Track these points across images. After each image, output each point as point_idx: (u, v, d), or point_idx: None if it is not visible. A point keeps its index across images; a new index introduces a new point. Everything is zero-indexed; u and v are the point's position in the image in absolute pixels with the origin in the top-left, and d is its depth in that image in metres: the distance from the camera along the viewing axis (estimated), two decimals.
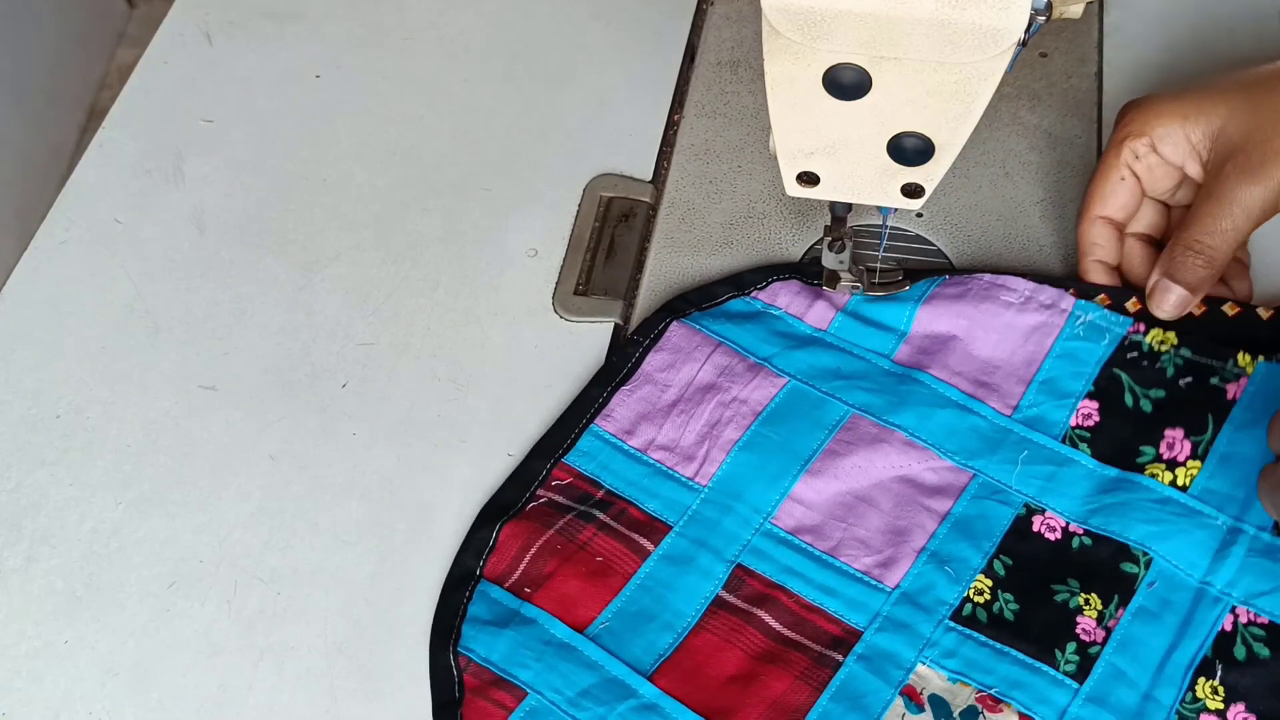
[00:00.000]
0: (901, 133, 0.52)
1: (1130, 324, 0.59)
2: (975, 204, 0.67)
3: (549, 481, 0.58)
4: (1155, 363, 0.58)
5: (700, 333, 0.62)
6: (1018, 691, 0.51)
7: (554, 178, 0.70)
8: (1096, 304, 0.60)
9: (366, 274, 0.67)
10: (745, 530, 0.56)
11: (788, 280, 0.63)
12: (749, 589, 0.55)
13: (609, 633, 0.54)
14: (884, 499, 0.57)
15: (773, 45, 0.49)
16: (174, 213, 0.70)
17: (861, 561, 0.55)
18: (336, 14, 0.78)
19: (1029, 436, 0.58)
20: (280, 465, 0.60)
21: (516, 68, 0.75)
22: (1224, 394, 0.57)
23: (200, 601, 0.57)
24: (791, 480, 0.57)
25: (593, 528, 0.56)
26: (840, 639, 0.53)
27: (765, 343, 0.61)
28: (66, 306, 0.66)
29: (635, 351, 0.61)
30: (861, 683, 0.52)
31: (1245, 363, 0.57)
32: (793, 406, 0.59)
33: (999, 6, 0.46)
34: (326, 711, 0.54)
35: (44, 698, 0.54)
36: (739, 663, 0.53)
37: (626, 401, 0.60)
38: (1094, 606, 0.53)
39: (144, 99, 0.75)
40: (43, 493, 0.60)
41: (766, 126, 0.54)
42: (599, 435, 0.59)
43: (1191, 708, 0.51)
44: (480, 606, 0.55)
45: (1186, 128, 0.58)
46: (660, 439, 0.59)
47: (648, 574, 0.55)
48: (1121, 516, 0.55)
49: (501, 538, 0.56)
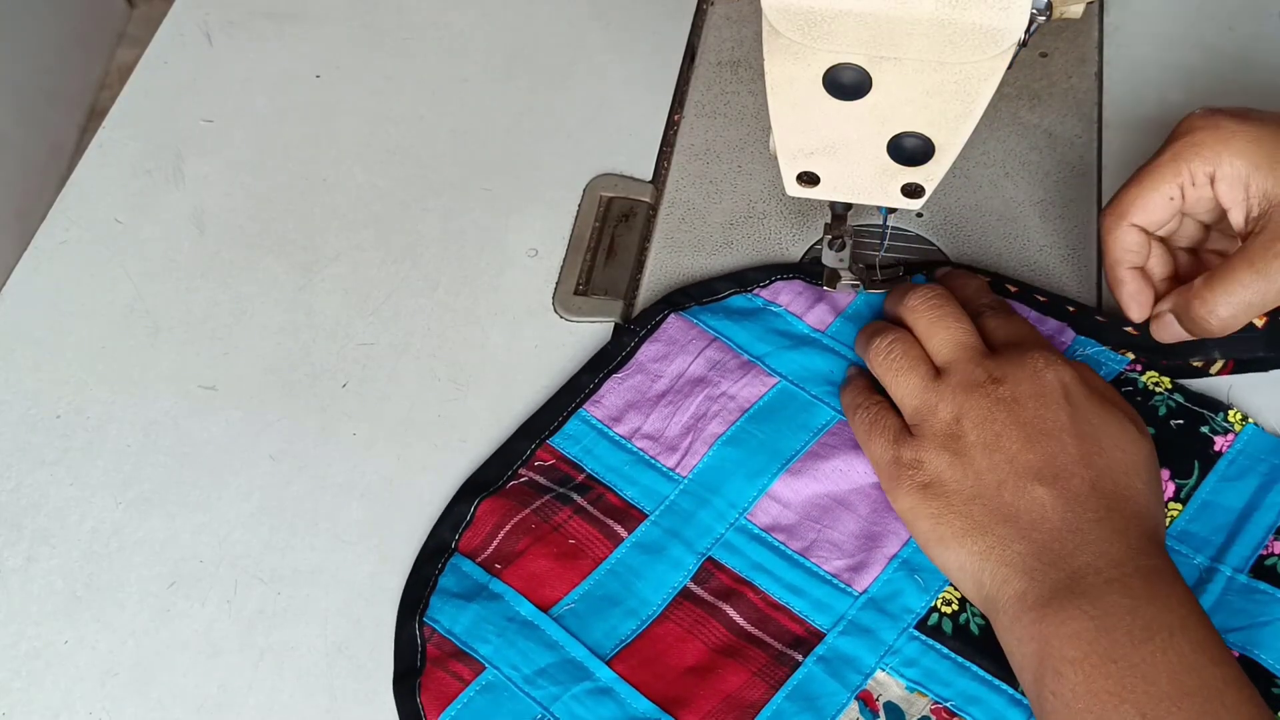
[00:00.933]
0: (901, 133, 0.52)
1: (1127, 363, 0.60)
2: (975, 204, 0.67)
3: (532, 462, 0.59)
4: (1148, 400, 0.59)
5: (696, 326, 0.62)
6: (974, 707, 0.51)
7: (554, 178, 0.70)
8: (1094, 340, 0.60)
9: (366, 274, 0.67)
10: (719, 524, 0.56)
11: (791, 280, 0.63)
12: (717, 582, 0.55)
13: (573, 614, 0.54)
14: (861, 504, 0.57)
15: (773, 45, 0.49)
16: (174, 213, 0.70)
17: (832, 564, 0.55)
18: (336, 14, 0.78)
19: None
20: (280, 465, 0.60)
21: (516, 68, 0.75)
22: (1212, 444, 0.57)
23: (200, 601, 0.57)
24: (771, 478, 0.57)
25: (569, 510, 0.57)
26: (802, 639, 0.53)
27: (760, 341, 0.61)
28: (66, 306, 0.66)
29: (630, 340, 0.62)
30: (818, 684, 0.52)
31: (1235, 419, 0.58)
32: (780, 407, 0.59)
33: (999, 6, 0.46)
34: (326, 711, 0.54)
35: (44, 698, 0.54)
36: (698, 654, 0.53)
37: (617, 389, 0.61)
38: None
39: (144, 99, 0.75)
40: (43, 493, 0.60)
41: (766, 126, 0.54)
42: (586, 420, 0.60)
43: None
44: (450, 579, 0.55)
45: (1255, 177, 0.54)
46: (646, 428, 0.59)
47: (618, 560, 0.56)
48: None
49: (479, 513, 0.57)
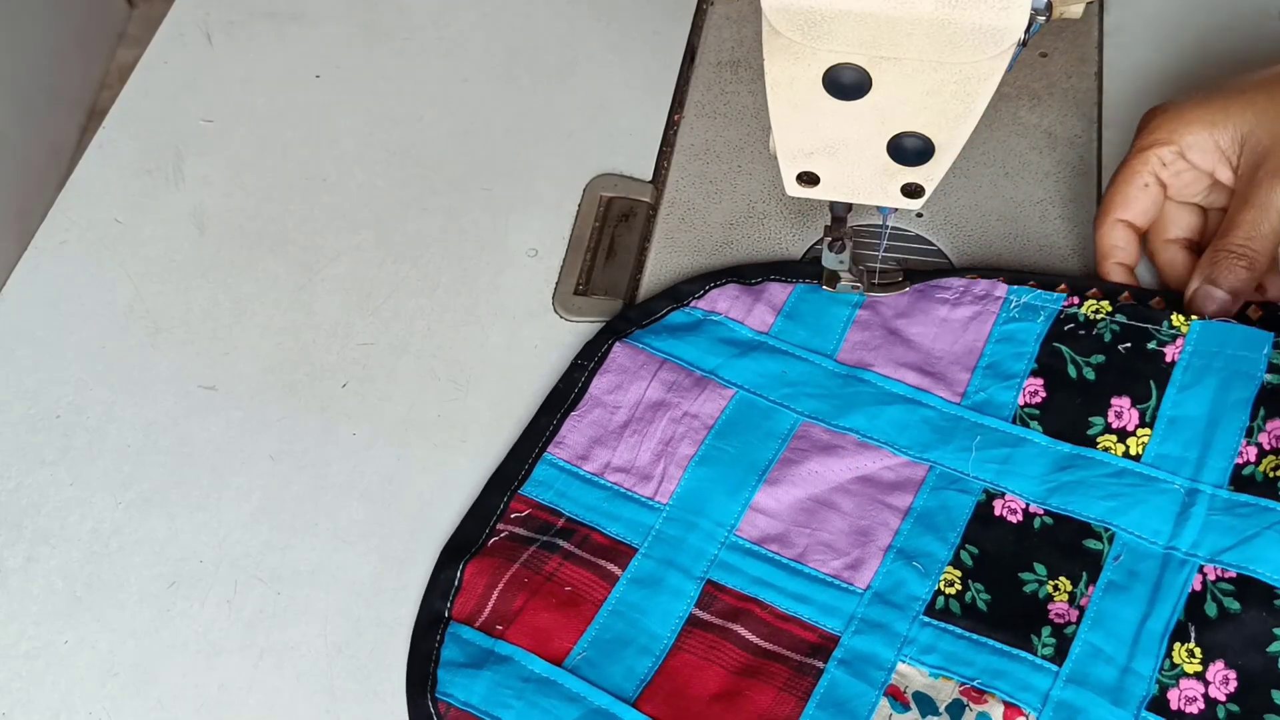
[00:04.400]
0: (901, 133, 0.52)
1: (1064, 299, 0.60)
2: (975, 204, 0.67)
3: (508, 515, 0.57)
4: (1092, 330, 0.59)
5: (644, 351, 0.61)
6: (1000, 681, 0.52)
7: (554, 178, 0.70)
8: (1029, 287, 0.61)
9: (366, 274, 0.67)
10: (711, 545, 0.56)
11: (725, 285, 0.63)
12: (721, 604, 0.55)
13: (587, 663, 0.53)
14: (844, 501, 0.57)
15: (773, 45, 0.49)
16: (174, 213, 0.70)
17: (830, 565, 0.55)
18: (336, 14, 0.78)
19: (980, 421, 0.58)
20: (280, 465, 0.60)
21: (516, 68, 0.75)
22: (1163, 357, 0.58)
23: (200, 601, 0.57)
24: (751, 491, 0.57)
25: (558, 557, 0.56)
26: (818, 646, 0.53)
27: (709, 354, 0.61)
28: (66, 306, 0.66)
29: (580, 376, 0.61)
30: (845, 688, 0.52)
31: (1179, 323, 0.58)
32: (743, 418, 0.59)
33: (999, 6, 0.46)
34: (326, 711, 0.54)
35: (44, 698, 0.54)
36: (721, 680, 0.53)
37: (577, 427, 0.59)
38: (1064, 590, 0.54)
39: (144, 99, 0.75)
40: (43, 493, 0.60)
41: (766, 126, 0.54)
42: (553, 463, 0.59)
43: (1170, 675, 0.51)
44: (453, 649, 0.54)
45: (1215, 134, 0.59)
46: (615, 461, 0.58)
47: (619, 599, 0.55)
48: (1079, 495, 0.55)
49: (466, 576, 0.55)
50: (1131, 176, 0.61)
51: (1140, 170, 0.61)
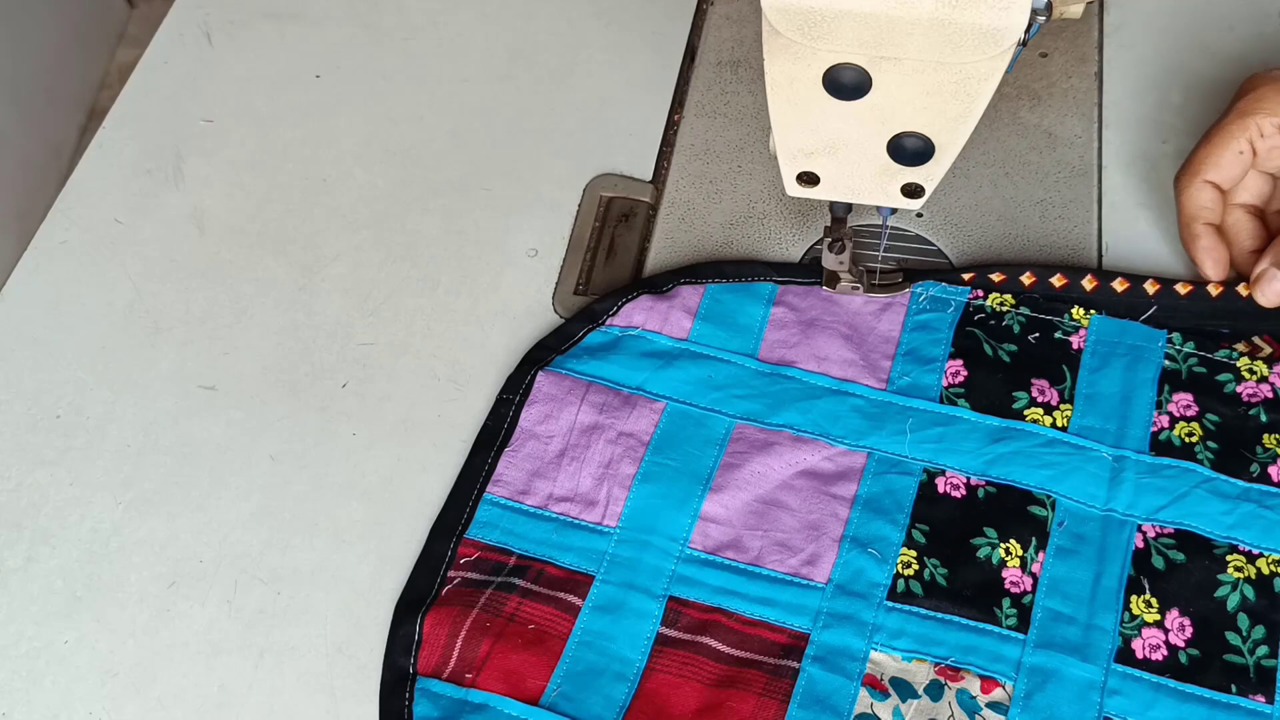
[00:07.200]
0: (901, 133, 0.52)
1: (969, 293, 0.62)
2: (975, 204, 0.67)
3: (457, 561, 0.56)
4: (1001, 321, 0.61)
5: (568, 377, 0.61)
6: (972, 656, 0.53)
7: (554, 178, 0.70)
8: (933, 281, 0.62)
9: (366, 274, 0.67)
10: (667, 561, 0.56)
11: (637, 298, 0.63)
12: (687, 619, 0.55)
13: (564, 698, 0.53)
14: (791, 498, 0.57)
15: (773, 45, 0.49)
16: (174, 213, 0.70)
17: (787, 564, 0.55)
18: (336, 14, 0.78)
19: (909, 404, 0.59)
20: (280, 465, 0.60)
21: (516, 68, 0.75)
22: (1069, 345, 0.61)
23: (200, 601, 0.57)
24: (698, 501, 0.57)
25: (516, 597, 0.55)
26: (790, 646, 0.54)
27: (633, 370, 0.61)
28: (66, 306, 0.66)
29: (508, 411, 0.60)
30: (823, 684, 0.52)
31: (1079, 316, 0.61)
32: (678, 429, 0.59)
33: (999, 6, 0.46)
34: (326, 711, 0.54)
35: (44, 698, 0.54)
36: (699, 695, 0.53)
37: (514, 462, 0.59)
38: (1015, 554, 0.55)
39: (144, 99, 0.75)
40: (43, 493, 0.60)
41: (766, 126, 0.54)
42: (495, 502, 0.58)
43: (1132, 625, 0.53)
44: (425, 705, 0.53)
45: None
46: (557, 491, 0.58)
47: (584, 629, 0.54)
48: (1018, 465, 0.57)
49: (426, 629, 0.54)
50: (1229, 140, 0.61)
51: (1238, 135, 0.60)
